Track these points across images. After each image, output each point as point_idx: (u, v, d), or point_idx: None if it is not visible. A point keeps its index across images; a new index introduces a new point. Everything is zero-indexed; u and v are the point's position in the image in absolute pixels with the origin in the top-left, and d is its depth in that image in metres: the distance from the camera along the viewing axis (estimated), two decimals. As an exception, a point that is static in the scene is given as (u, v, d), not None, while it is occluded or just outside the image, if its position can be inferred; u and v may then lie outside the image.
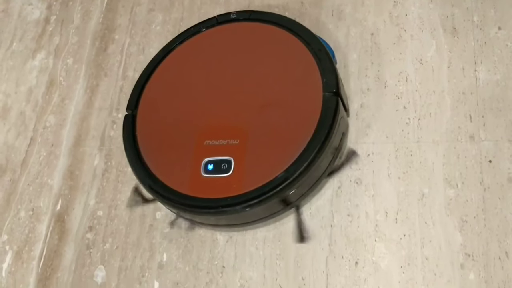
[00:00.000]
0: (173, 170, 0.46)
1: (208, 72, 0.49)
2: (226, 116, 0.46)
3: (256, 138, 0.44)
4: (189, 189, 0.44)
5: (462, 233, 0.42)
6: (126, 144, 0.48)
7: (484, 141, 0.44)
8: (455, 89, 0.47)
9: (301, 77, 0.46)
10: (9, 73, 0.64)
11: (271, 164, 0.42)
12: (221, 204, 0.42)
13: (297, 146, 0.42)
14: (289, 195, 0.43)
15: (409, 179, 0.45)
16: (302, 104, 0.44)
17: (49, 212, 0.55)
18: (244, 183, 0.42)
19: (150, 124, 0.49)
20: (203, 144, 0.45)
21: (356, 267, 0.43)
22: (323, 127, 0.42)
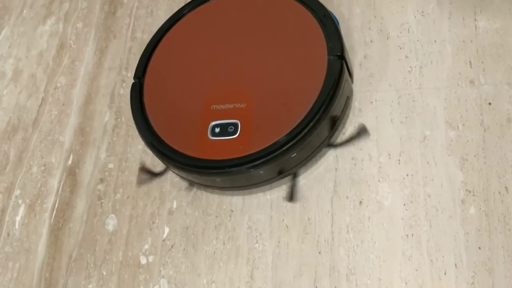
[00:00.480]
0: (181, 134, 0.47)
1: (215, 39, 0.51)
2: (232, 81, 0.48)
3: (262, 101, 0.46)
4: (196, 151, 0.46)
5: (463, 171, 0.44)
6: (134, 112, 0.49)
7: (484, 85, 0.46)
8: (455, 38, 0.49)
9: (306, 42, 0.47)
10: (20, 39, 0.66)
11: (276, 126, 0.44)
12: (227, 165, 0.44)
13: (302, 109, 0.44)
14: (291, 158, 0.44)
15: (411, 123, 0.47)
16: (307, 67, 0.46)
17: (60, 167, 0.56)
18: (251, 144, 0.44)
19: (158, 91, 0.51)
20: (210, 108, 0.47)
21: (360, 206, 0.45)
22: (328, 88, 0.43)
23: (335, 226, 0.45)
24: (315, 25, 0.47)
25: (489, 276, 0.40)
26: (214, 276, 0.46)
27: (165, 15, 0.61)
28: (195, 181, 0.49)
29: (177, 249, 0.49)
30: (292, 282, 0.44)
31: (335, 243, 0.45)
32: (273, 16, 0.50)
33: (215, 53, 0.50)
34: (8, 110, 0.62)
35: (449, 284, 0.41)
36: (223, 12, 0.53)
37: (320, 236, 0.45)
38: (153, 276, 0.48)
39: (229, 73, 0.49)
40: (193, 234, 0.49)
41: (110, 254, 0.50)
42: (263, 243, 0.47)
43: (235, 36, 0.50)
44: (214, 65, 0.50)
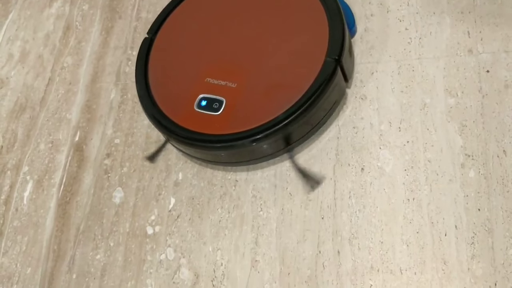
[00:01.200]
0: (171, 98, 0.49)
1: (226, 15, 0.52)
2: (230, 59, 0.50)
3: (253, 86, 0.47)
4: (180, 119, 0.48)
5: (462, 136, 0.45)
6: (137, 64, 0.51)
7: (482, 54, 0.48)
8: (454, 9, 0.50)
9: (310, 38, 0.47)
10: (27, 21, 0.68)
11: (257, 114, 0.45)
12: (202, 139, 0.45)
13: (287, 102, 0.44)
14: (262, 148, 0.46)
15: (412, 91, 0.48)
16: (303, 63, 0.46)
17: (67, 143, 0.58)
18: (228, 125, 0.46)
19: (164, 52, 0.52)
20: (204, 80, 0.49)
21: (362, 173, 0.46)
22: (315, 90, 0.44)
23: (338, 192, 0.47)
24: (324, 22, 0.46)
25: (488, 236, 0.42)
26: (219, 244, 0.48)
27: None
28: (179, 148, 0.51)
29: (183, 218, 0.50)
30: (296, 247, 0.46)
31: (338, 209, 0.46)
32: (286, 3, 0.50)
33: (224, 29, 0.52)
34: (15, 90, 0.64)
35: (449, 244, 0.42)
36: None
37: (323, 203, 0.47)
38: (159, 245, 0.50)
39: (231, 50, 0.50)
40: (199, 204, 0.50)
41: (117, 226, 0.52)
42: (267, 211, 0.48)
43: (245, 15, 0.51)
44: (220, 39, 0.51)
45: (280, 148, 0.47)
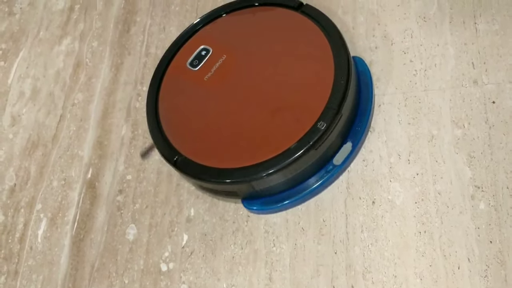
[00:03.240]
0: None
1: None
2: (238, 95, 0.51)
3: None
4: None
5: (471, 167, 0.47)
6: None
7: (487, 85, 0.50)
8: (457, 40, 0.53)
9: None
10: (38, 59, 0.72)
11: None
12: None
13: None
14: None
15: (419, 123, 0.50)
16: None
17: (80, 180, 0.61)
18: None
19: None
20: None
21: (373, 206, 0.48)
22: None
23: (350, 226, 0.48)
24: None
25: (501, 268, 0.43)
26: (233, 280, 0.50)
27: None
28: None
29: (196, 255, 0.52)
30: (310, 283, 0.47)
31: (350, 243, 0.48)
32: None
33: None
34: (27, 128, 0.67)
35: (463, 278, 0.43)
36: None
37: (336, 237, 0.48)
38: (174, 282, 0.51)
39: (236, 89, 0.51)
40: (212, 240, 0.52)
41: (131, 263, 0.54)
42: (280, 246, 0.50)
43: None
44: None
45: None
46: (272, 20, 0.56)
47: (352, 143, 0.50)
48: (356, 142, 0.50)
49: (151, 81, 0.58)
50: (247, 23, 0.57)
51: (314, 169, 0.49)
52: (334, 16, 0.58)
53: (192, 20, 0.64)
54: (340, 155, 0.49)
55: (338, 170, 0.49)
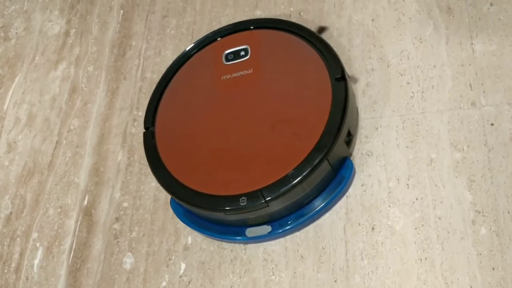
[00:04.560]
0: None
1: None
2: (233, 128, 0.52)
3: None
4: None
5: (471, 191, 0.47)
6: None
7: (485, 106, 0.50)
8: (454, 62, 0.53)
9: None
10: (33, 85, 0.73)
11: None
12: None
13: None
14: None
15: (417, 146, 0.51)
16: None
17: (76, 208, 0.61)
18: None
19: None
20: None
21: (373, 232, 0.48)
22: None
23: (350, 253, 0.48)
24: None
25: (505, 296, 0.43)
26: (232, 310, 0.50)
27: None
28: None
29: (194, 284, 0.52)
30: (310, 312, 0.47)
31: (351, 271, 0.48)
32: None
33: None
34: (23, 155, 0.67)
35: (466, 306, 0.43)
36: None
37: (335, 264, 0.48)
38: (171, 313, 0.51)
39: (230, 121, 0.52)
40: (209, 269, 0.52)
41: (128, 293, 0.54)
42: (279, 275, 0.50)
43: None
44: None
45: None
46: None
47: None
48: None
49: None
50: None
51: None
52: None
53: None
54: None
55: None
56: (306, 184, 0.47)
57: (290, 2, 0.64)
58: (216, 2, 0.69)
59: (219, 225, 0.52)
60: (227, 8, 0.68)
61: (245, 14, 0.66)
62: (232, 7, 0.68)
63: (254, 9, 0.66)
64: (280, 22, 0.58)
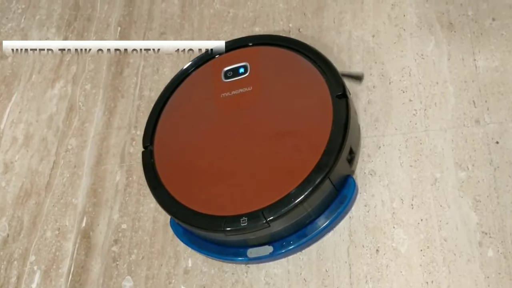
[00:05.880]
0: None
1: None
2: (232, 147, 0.52)
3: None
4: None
5: (477, 212, 0.46)
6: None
7: (490, 124, 0.50)
8: (456, 78, 0.53)
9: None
10: (30, 103, 0.72)
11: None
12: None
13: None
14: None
15: (421, 166, 0.50)
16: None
17: (74, 230, 0.60)
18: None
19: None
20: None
21: (377, 255, 0.48)
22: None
23: (354, 276, 0.48)
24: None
25: (515, 320, 0.42)
26: (234, 336, 0.49)
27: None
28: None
29: (195, 309, 0.51)
30: (314, 338, 0.46)
31: (355, 294, 0.47)
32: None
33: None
34: (20, 175, 0.67)
35: (475, 331, 0.42)
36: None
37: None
38: None
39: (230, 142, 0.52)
40: (211, 292, 0.52)
41: (127, 318, 0.53)
42: (281, 298, 0.49)
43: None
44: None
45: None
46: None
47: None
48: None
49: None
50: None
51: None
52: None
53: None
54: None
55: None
56: (308, 204, 0.47)
57: (289, 19, 0.64)
58: (214, 19, 0.69)
59: (220, 246, 0.51)
60: (225, 24, 0.68)
61: (244, 30, 0.66)
62: (230, 23, 0.68)
63: (252, 26, 0.66)
64: (279, 38, 0.58)
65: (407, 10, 0.59)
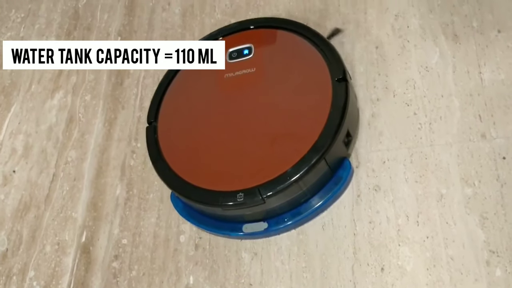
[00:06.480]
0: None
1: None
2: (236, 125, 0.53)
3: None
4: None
5: (484, 230, 0.46)
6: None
7: (496, 139, 0.49)
8: (462, 91, 0.52)
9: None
10: (29, 114, 0.72)
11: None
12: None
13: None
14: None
15: (426, 181, 0.49)
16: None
17: (74, 245, 0.59)
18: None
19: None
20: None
21: (382, 273, 0.47)
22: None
23: (358, 295, 0.47)
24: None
25: None
26: None
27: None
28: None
29: (196, 326, 0.51)
30: None
31: (360, 313, 0.46)
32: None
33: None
34: (19, 188, 0.66)
35: None
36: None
37: (344, 307, 0.47)
38: None
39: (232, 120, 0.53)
40: (212, 310, 0.51)
41: (128, 335, 0.52)
42: (285, 318, 0.48)
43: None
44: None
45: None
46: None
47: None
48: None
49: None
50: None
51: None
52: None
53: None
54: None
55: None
56: (303, 183, 0.48)
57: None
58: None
59: (217, 220, 0.53)
60: (227, 33, 0.67)
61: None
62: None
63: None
64: (284, 21, 0.60)
65: (411, 21, 0.58)
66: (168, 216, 0.56)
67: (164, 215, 0.57)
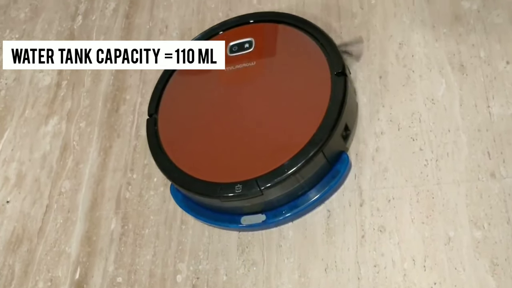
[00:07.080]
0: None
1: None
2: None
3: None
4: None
5: (494, 277, 0.43)
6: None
7: (506, 178, 0.47)
8: (470, 126, 0.50)
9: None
10: (23, 140, 0.69)
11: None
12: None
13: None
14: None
15: (433, 223, 0.47)
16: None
17: (67, 282, 0.57)
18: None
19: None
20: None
21: (388, 321, 0.45)
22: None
23: None
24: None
25: None
26: None
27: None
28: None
29: None
30: None
31: None
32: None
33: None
34: (12, 219, 0.64)
35: None
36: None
37: None
38: None
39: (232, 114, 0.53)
40: None
41: None
42: None
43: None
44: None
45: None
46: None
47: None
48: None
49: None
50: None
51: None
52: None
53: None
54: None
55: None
56: (301, 175, 0.49)
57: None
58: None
59: (216, 212, 0.53)
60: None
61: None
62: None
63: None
64: (285, 16, 0.59)
65: (416, 50, 0.56)
66: (164, 254, 0.54)
67: (160, 253, 0.55)
